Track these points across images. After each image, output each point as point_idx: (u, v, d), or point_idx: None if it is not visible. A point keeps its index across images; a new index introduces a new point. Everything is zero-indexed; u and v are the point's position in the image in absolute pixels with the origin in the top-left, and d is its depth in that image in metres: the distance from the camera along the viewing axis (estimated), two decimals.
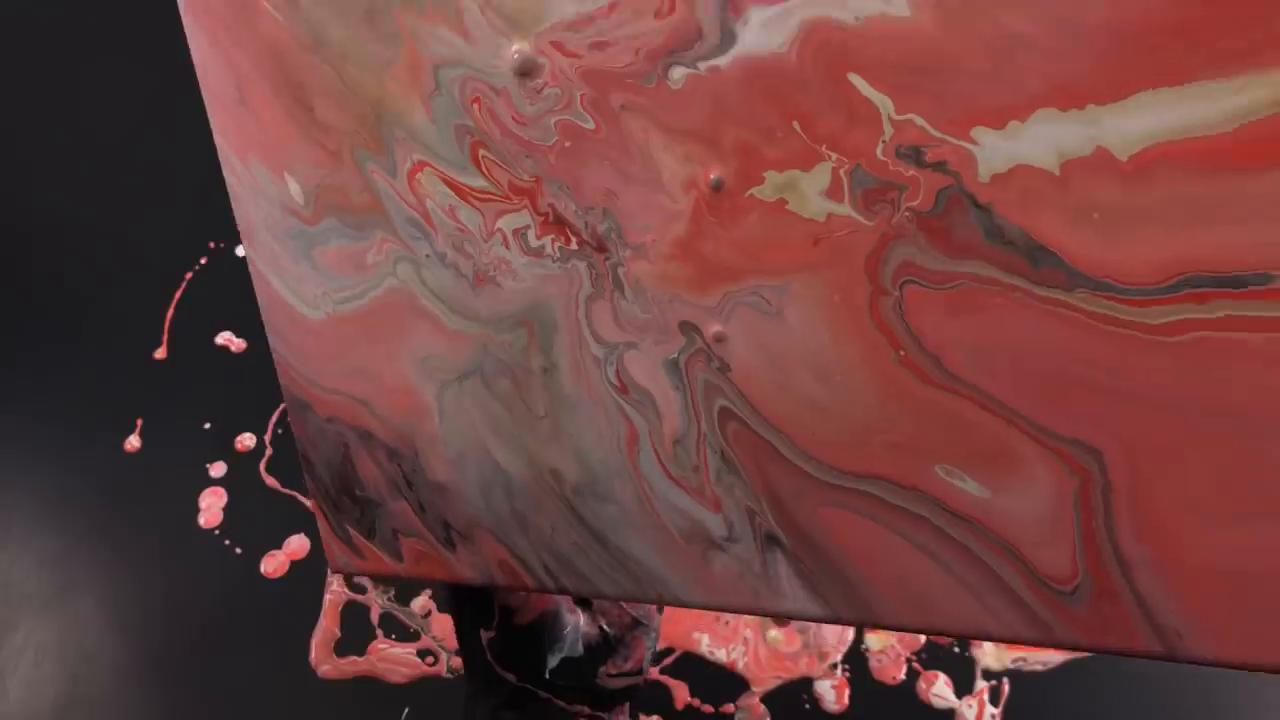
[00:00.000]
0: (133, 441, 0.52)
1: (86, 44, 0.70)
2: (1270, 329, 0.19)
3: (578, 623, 0.34)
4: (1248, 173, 0.18)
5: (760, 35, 0.20)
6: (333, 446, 0.28)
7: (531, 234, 0.23)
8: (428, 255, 0.24)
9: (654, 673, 0.44)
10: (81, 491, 0.51)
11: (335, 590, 0.47)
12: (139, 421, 0.53)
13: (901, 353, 0.21)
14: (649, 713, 0.43)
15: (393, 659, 0.46)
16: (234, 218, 0.34)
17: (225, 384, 0.54)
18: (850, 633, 0.45)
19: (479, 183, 0.23)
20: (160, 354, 0.55)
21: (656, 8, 0.20)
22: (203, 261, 0.58)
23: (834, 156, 0.20)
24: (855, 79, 0.19)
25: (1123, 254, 0.19)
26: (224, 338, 0.55)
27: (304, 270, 0.26)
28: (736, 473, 0.23)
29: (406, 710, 0.45)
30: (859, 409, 0.21)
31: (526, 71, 0.22)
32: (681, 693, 0.44)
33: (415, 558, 0.28)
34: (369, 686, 0.44)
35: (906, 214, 0.20)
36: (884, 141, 0.19)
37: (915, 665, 0.44)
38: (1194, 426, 0.19)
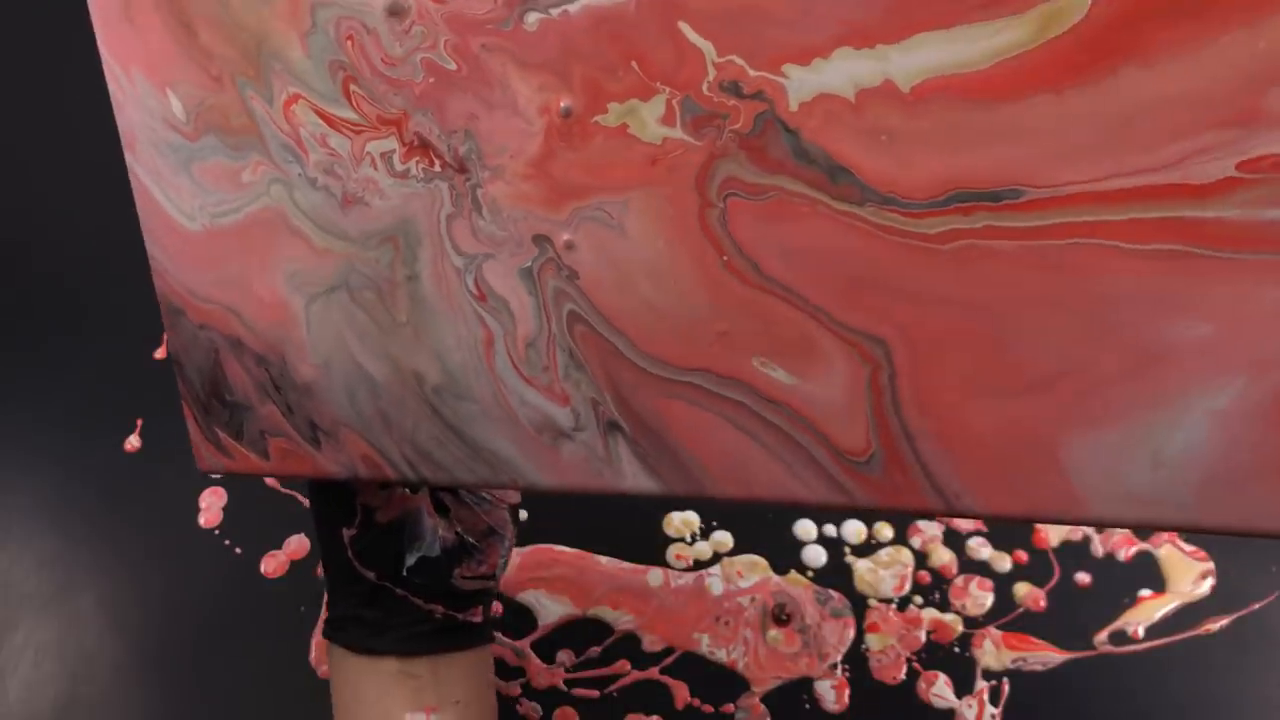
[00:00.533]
0: (133, 441, 0.52)
1: (85, 43, 0.71)
2: (1019, 237, 0.23)
3: (436, 526, 0.36)
4: (1000, 103, 0.22)
5: None
6: (204, 352, 0.30)
7: (397, 158, 0.26)
8: (299, 174, 0.27)
9: (654, 672, 0.44)
10: (82, 491, 0.51)
11: None
12: (139, 421, 0.53)
13: (725, 258, 0.24)
14: (649, 713, 0.43)
15: None
16: None
17: None
18: (850, 632, 0.45)
19: (349, 115, 0.26)
20: (160, 354, 0.55)
21: None
22: None
23: (667, 90, 0.23)
24: (684, 26, 0.23)
25: (904, 172, 0.23)
26: None
27: (183, 182, 0.28)
28: (583, 370, 0.26)
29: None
30: (689, 309, 0.25)
31: (396, 11, 0.24)
32: (682, 693, 0.44)
33: (281, 455, 0.30)
34: None
35: (730, 135, 0.23)
36: (708, 81, 0.23)
37: (915, 665, 0.44)
38: (961, 320, 0.23)
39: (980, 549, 0.48)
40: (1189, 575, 0.47)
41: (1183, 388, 0.22)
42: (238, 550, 0.49)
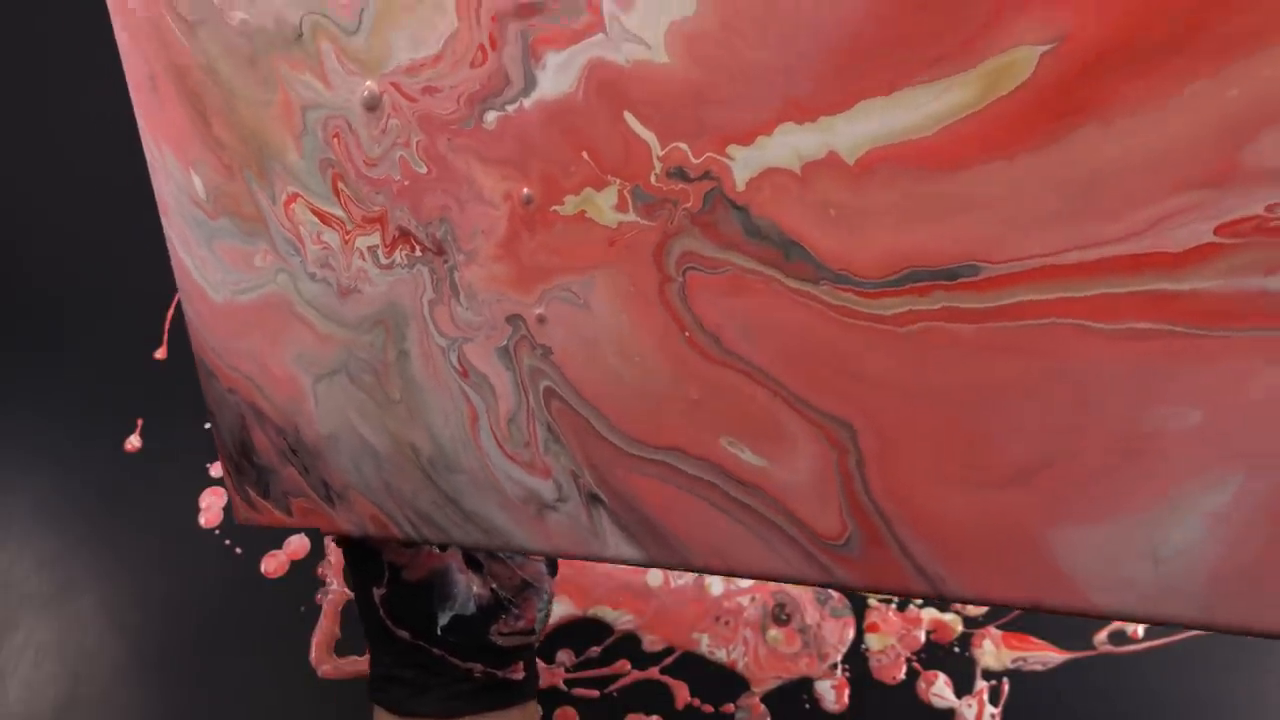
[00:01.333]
0: (133, 441, 0.52)
1: (86, 44, 0.71)
2: (979, 320, 0.21)
3: (469, 583, 0.36)
4: (950, 172, 0.20)
5: (553, 80, 0.23)
6: (233, 415, 0.32)
7: (381, 251, 0.27)
8: (300, 265, 0.29)
9: (654, 672, 0.44)
10: (82, 491, 0.51)
11: (335, 590, 0.47)
12: (139, 421, 0.53)
13: (687, 334, 0.24)
14: (649, 712, 0.43)
15: None
16: None
17: None
18: (850, 632, 0.45)
19: (339, 213, 0.27)
20: (160, 354, 0.55)
21: (471, 59, 0.24)
22: None
23: (618, 181, 0.24)
24: (629, 117, 0.23)
25: (857, 248, 0.22)
26: None
27: (206, 255, 0.30)
28: (561, 444, 0.27)
29: None
30: (656, 384, 0.25)
31: (372, 106, 0.26)
32: (682, 692, 0.44)
33: (302, 513, 0.32)
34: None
35: (683, 213, 0.23)
36: (655, 172, 0.23)
37: (915, 665, 0.44)
38: (924, 407, 0.22)
39: None
40: None
41: (1174, 483, 0.21)
42: (238, 550, 0.49)
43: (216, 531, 0.49)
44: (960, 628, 0.46)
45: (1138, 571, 0.21)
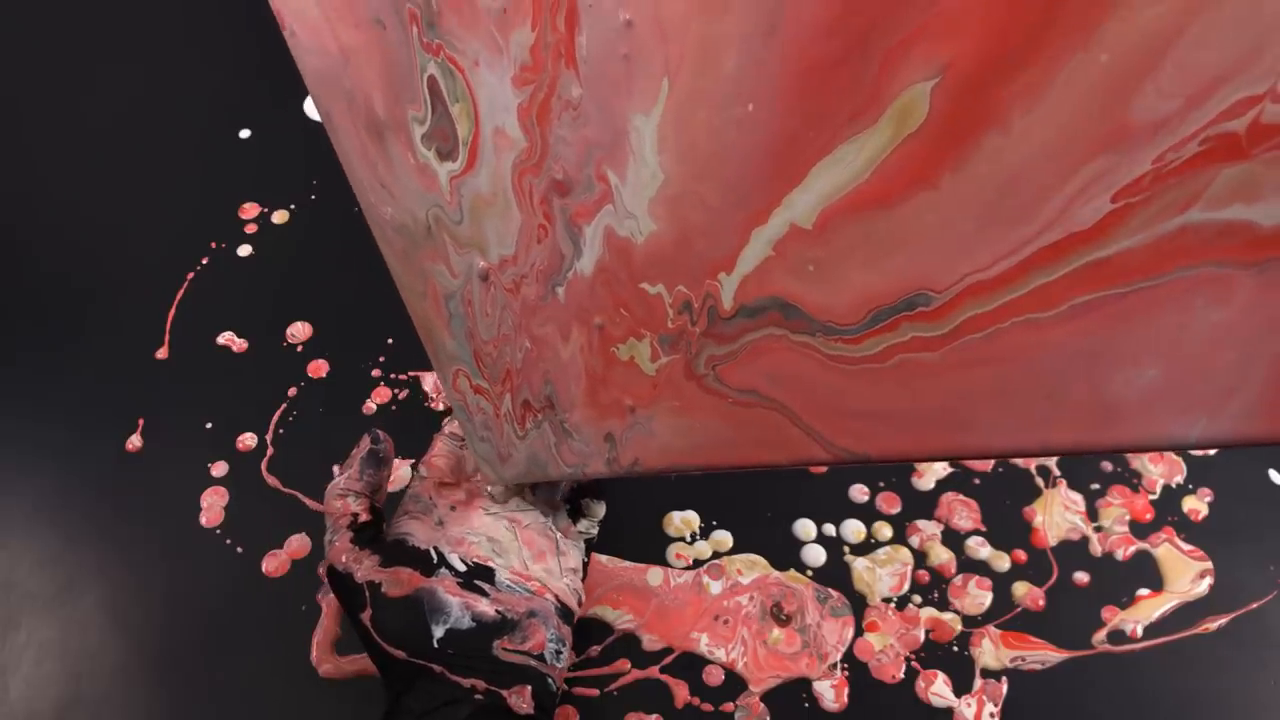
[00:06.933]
0: (134, 441, 0.53)
1: (87, 46, 0.71)
2: (941, 345, 0.24)
3: (464, 603, 0.37)
4: (889, 209, 0.23)
5: (590, 248, 0.28)
6: None
7: (516, 424, 0.36)
8: (471, 430, 0.38)
9: (654, 671, 0.45)
10: (83, 491, 0.51)
11: None
12: (140, 421, 0.53)
13: (730, 400, 0.29)
14: (649, 712, 0.44)
15: None
16: (236, 217, 0.35)
17: (227, 384, 0.54)
18: (850, 631, 0.45)
19: (484, 384, 0.35)
20: (162, 354, 0.56)
21: (538, 237, 0.29)
22: (204, 262, 0.59)
23: (647, 334, 0.29)
24: (643, 284, 0.28)
25: (834, 298, 0.25)
26: (225, 338, 0.56)
27: None
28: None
29: None
30: (723, 436, 0.30)
31: (485, 278, 0.31)
32: (681, 692, 0.44)
33: None
34: (369, 686, 0.45)
35: (698, 337, 0.28)
36: (670, 317, 0.28)
37: (914, 664, 0.45)
38: (915, 428, 0.26)
39: (979, 548, 0.48)
40: (1187, 574, 0.48)
41: (1147, 438, 0.23)
42: (239, 549, 0.49)
43: (217, 531, 0.50)
44: (959, 627, 0.46)
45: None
